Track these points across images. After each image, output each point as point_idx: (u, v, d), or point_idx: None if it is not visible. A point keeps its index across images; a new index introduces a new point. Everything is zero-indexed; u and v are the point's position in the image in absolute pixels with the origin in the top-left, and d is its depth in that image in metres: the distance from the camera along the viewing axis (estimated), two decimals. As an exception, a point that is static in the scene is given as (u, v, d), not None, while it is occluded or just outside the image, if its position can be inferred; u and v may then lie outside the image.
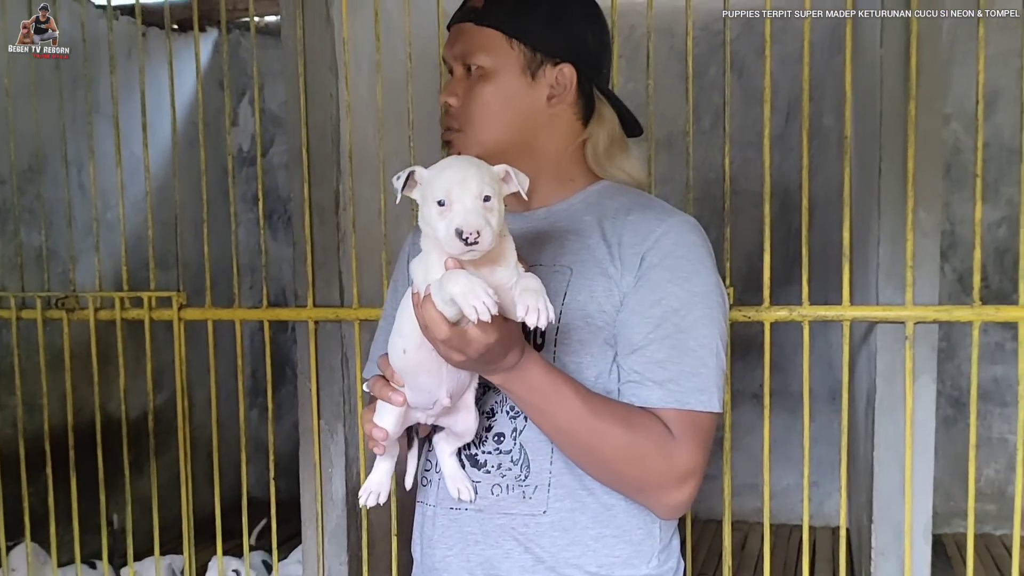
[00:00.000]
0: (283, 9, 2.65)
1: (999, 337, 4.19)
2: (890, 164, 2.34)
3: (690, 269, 1.17)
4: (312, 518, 2.72)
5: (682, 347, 1.14)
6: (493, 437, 1.20)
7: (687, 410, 1.14)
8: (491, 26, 1.24)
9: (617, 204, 1.25)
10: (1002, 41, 3.69)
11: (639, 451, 1.12)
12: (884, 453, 2.37)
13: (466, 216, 0.98)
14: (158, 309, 2.70)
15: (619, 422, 1.12)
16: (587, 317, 1.17)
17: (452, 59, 1.27)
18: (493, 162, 1.21)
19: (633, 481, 1.15)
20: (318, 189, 2.66)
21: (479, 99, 1.24)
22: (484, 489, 1.20)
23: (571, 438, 1.13)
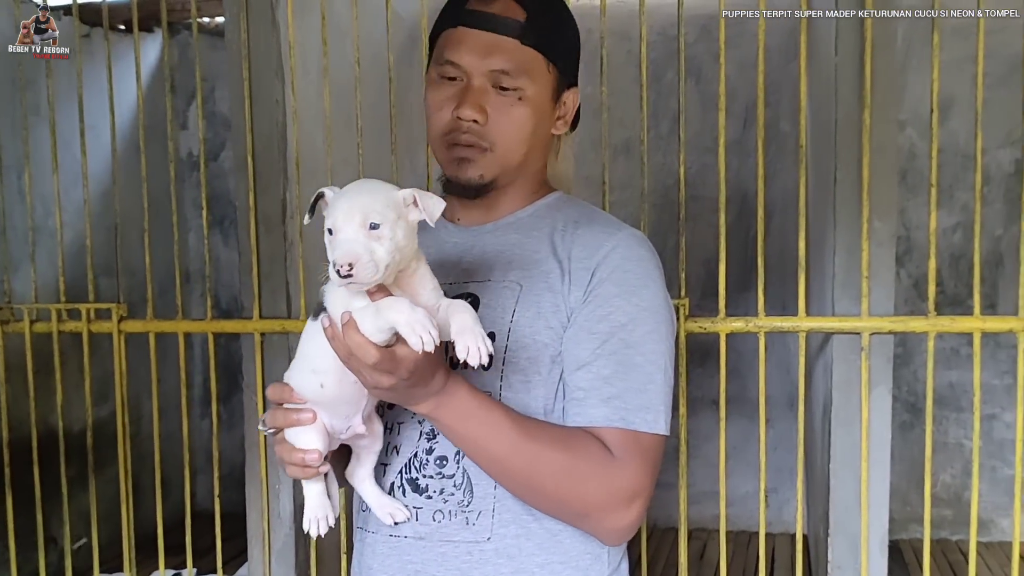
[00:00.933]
0: (227, 11, 2.57)
1: (954, 343, 4.21)
2: (845, 173, 2.32)
3: (638, 284, 1.14)
4: (258, 536, 2.64)
5: (628, 363, 1.11)
6: (435, 460, 1.15)
7: (632, 430, 1.10)
8: (535, 47, 1.18)
9: (566, 217, 1.21)
10: (956, 47, 3.70)
11: (579, 475, 1.07)
12: (840, 466, 2.35)
13: (341, 247, 0.94)
14: (97, 321, 2.60)
15: (556, 445, 1.07)
16: (535, 334, 1.14)
17: (479, 71, 1.17)
18: (502, 182, 1.21)
19: (575, 507, 1.10)
20: (264, 197, 2.58)
21: (517, 123, 1.18)
22: (425, 516, 1.15)
23: (507, 466, 1.08)
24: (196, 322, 2.61)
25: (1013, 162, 4.27)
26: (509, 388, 1.13)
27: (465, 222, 1.26)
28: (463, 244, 1.23)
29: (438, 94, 1.19)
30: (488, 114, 1.16)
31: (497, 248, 1.21)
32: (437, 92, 1.20)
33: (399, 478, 1.17)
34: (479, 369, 1.10)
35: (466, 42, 1.17)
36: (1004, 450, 4.28)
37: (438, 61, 1.20)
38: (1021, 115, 2.19)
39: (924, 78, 4.09)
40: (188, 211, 5.00)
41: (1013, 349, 4.24)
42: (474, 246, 1.22)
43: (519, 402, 1.12)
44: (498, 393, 1.13)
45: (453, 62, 1.17)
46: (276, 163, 2.59)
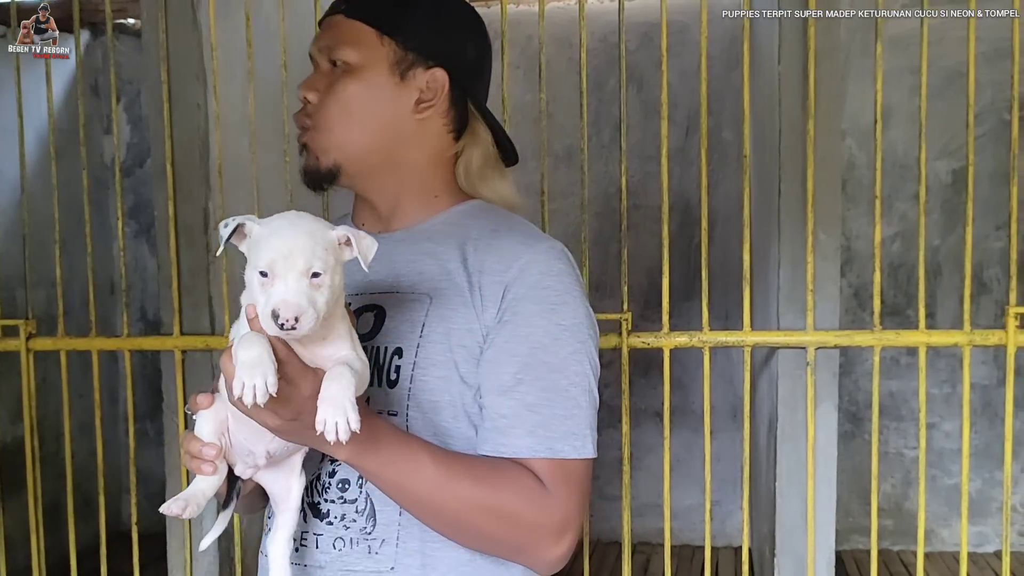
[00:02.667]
0: (144, 10, 2.43)
1: (894, 352, 4.22)
2: (789, 184, 2.27)
3: (558, 301, 1.07)
4: (180, 565, 2.50)
5: (553, 387, 1.05)
6: (337, 484, 1.08)
7: (559, 459, 1.04)
8: (361, 19, 1.14)
9: (480, 225, 1.14)
10: (894, 57, 3.72)
11: (509, 511, 1.03)
12: (786, 484, 2.30)
13: (286, 297, 0.88)
14: (4, 339, 2.44)
15: (483, 483, 1.02)
16: (448, 350, 1.07)
17: (317, 53, 1.16)
18: (353, 171, 1.15)
19: (508, 543, 1.05)
20: (185, 206, 2.44)
21: (340, 95, 1.13)
22: (326, 543, 1.08)
23: (433, 509, 1.02)
24: (112, 339, 2.46)
25: (950, 173, 4.31)
26: (417, 408, 1.07)
27: (370, 227, 1.19)
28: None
29: None
30: (320, 91, 1.14)
31: (407, 257, 1.14)
32: None
33: (300, 502, 1.10)
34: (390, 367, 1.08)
35: (319, 32, 1.19)
36: (944, 459, 4.31)
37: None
38: (962, 124, 2.17)
39: (862, 88, 4.11)
40: (114, 219, 4.81)
41: (952, 359, 4.28)
42: (384, 255, 1.12)
43: (427, 422, 1.07)
44: (405, 413, 1.07)
45: (311, 53, 1.18)
46: (198, 170, 2.46)
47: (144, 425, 4.51)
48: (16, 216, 3.28)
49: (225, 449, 1.00)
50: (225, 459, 1.01)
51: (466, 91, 1.18)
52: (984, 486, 4.26)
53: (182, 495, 1.00)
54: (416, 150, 1.16)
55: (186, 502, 0.98)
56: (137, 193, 4.62)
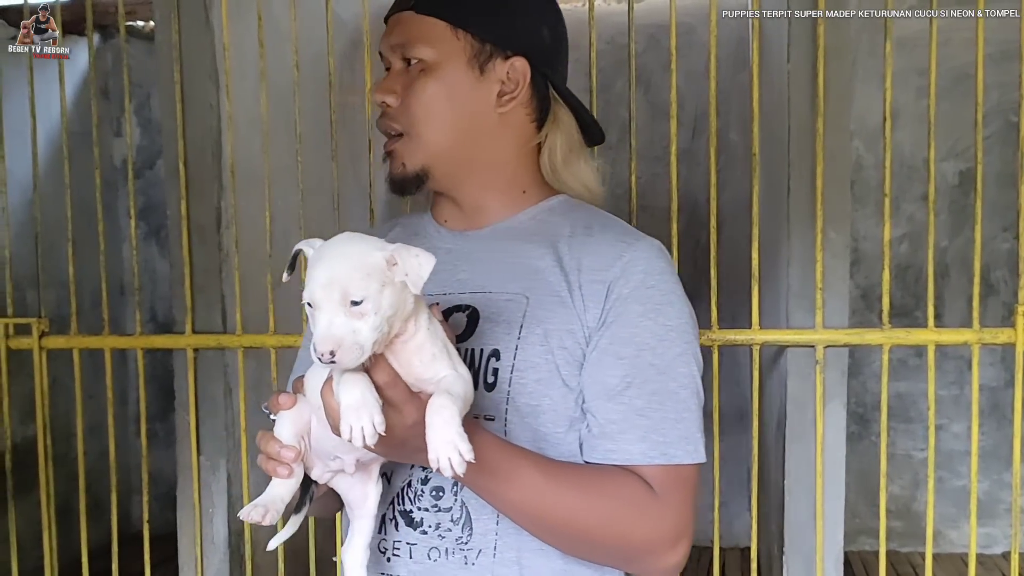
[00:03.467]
0: (156, 12, 2.45)
1: (901, 354, 4.22)
2: (799, 183, 2.28)
3: (663, 301, 1.03)
4: (191, 562, 2.51)
5: (662, 391, 1.01)
6: (431, 492, 1.04)
7: (673, 464, 1.01)
8: (433, 14, 1.09)
9: (572, 223, 1.10)
10: (901, 59, 3.72)
11: (621, 520, 0.99)
12: (795, 483, 2.30)
13: (320, 330, 0.84)
14: (16, 337, 2.45)
15: (591, 491, 0.98)
16: (547, 352, 1.03)
17: (389, 52, 1.11)
18: (439, 173, 1.11)
19: (621, 553, 1.02)
20: (197, 206, 2.46)
21: (421, 96, 1.08)
22: (420, 553, 1.04)
23: (539, 520, 0.99)
24: (124, 337, 2.47)
25: (957, 174, 4.31)
26: (516, 412, 1.03)
27: (453, 225, 1.16)
28: (457, 250, 1.13)
29: None
30: (398, 93, 1.10)
31: (495, 256, 1.10)
32: None
33: (391, 510, 1.07)
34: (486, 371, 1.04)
35: (386, 28, 1.13)
36: (952, 461, 4.31)
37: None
38: (969, 126, 2.17)
39: (869, 89, 4.12)
40: (124, 221, 4.83)
41: (960, 360, 4.28)
42: (470, 253, 1.12)
43: (525, 427, 1.02)
44: (503, 418, 1.03)
45: (381, 52, 1.13)
46: (210, 170, 2.47)
47: (153, 426, 4.52)
48: (26, 217, 3.30)
49: (303, 452, 0.97)
50: (303, 462, 0.98)
51: (546, 76, 1.13)
52: (992, 487, 4.26)
53: (260, 501, 0.96)
54: (501, 145, 1.12)
55: (265, 508, 0.95)
56: (147, 195, 4.63)
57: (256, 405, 2.57)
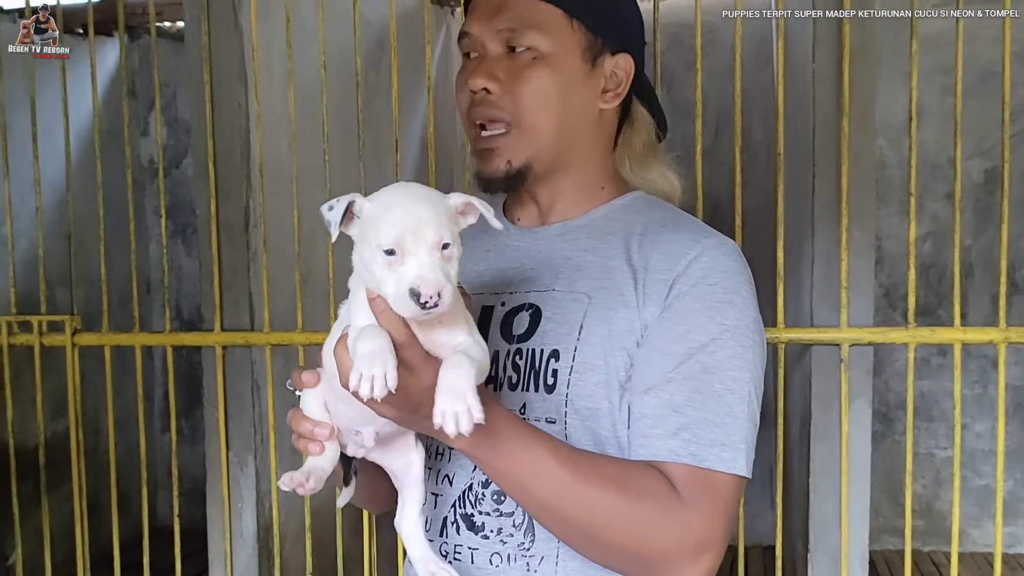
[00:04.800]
0: (187, 13, 2.48)
1: (924, 352, 4.20)
2: (823, 182, 2.28)
3: (724, 299, 0.98)
4: (220, 556, 2.54)
5: (706, 390, 0.95)
6: (492, 496, 1.01)
7: (703, 468, 0.93)
8: (552, 1, 1.03)
9: (646, 220, 1.06)
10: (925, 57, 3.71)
11: (639, 520, 0.92)
12: (820, 480, 2.30)
13: (423, 273, 0.81)
14: (50, 334, 2.50)
15: (611, 486, 0.92)
16: (606, 355, 0.99)
17: (489, 35, 1.04)
18: (541, 169, 1.05)
19: (637, 556, 0.93)
20: (226, 205, 2.49)
21: (535, 85, 1.02)
22: (482, 558, 1.01)
23: (557, 512, 0.93)
24: (155, 335, 2.50)
25: (982, 172, 4.29)
26: (575, 415, 0.99)
27: (526, 222, 1.12)
28: (526, 248, 1.09)
29: (461, 73, 1.07)
30: (501, 80, 1.02)
31: (565, 254, 1.06)
32: (460, 71, 1.07)
33: (452, 513, 1.04)
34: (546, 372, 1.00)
35: (478, 9, 1.06)
36: (975, 460, 4.29)
37: (459, 38, 1.08)
38: (994, 124, 2.17)
39: (892, 87, 4.10)
40: (150, 219, 4.88)
41: (984, 359, 4.26)
42: (540, 250, 1.08)
43: (586, 431, 0.99)
44: (563, 421, 0.99)
45: (467, 32, 1.06)
46: (239, 170, 2.50)
47: (179, 422, 4.58)
48: (55, 216, 3.35)
49: (337, 428, 0.95)
50: (337, 439, 0.95)
51: (639, 74, 1.10)
52: (1016, 487, 4.24)
53: (304, 468, 0.93)
54: (593, 140, 1.08)
55: (307, 475, 0.92)
56: (172, 194, 4.68)
57: (284, 402, 2.61)
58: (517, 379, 1.01)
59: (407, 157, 3.54)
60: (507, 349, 1.03)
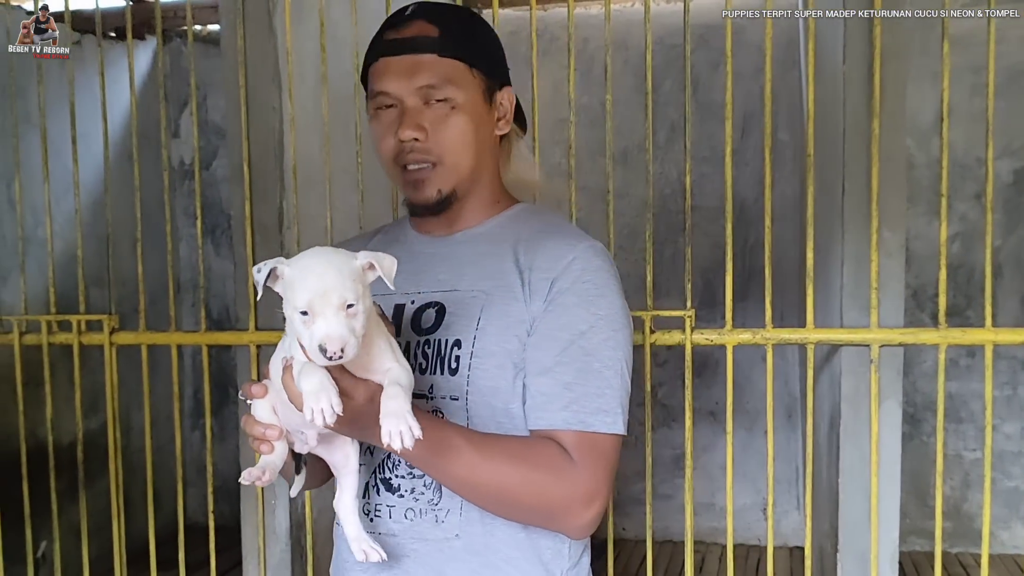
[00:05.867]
0: (223, 18, 2.52)
1: (952, 353, 4.18)
2: (853, 183, 2.29)
3: (596, 293, 1.19)
4: (253, 552, 2.58)
5: (587, 369, 1.16)
6: (407, 461, 1.19)
7: (589, 432, 1.15)
8: (455, 57, 1.23)
9: (531, 229, 1.26)
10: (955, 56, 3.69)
11: (539, 483, 1.13)
12: (849, 481, 2.31)
13: (328, 331, 0.98)
14: (88, 333, 2.54)
15: (514, 459, 1.13)
16: (502, 342, 1.19)
17: (408, 92, 1.23)
18: (461, 193, 1.26)
19: (540, 512, 1.16)
20: (260, 206, 2.53)
21: (456, 131, 1.23)
22: (398, 513, 1.21)
23: (471, 486, 1.14)
24: (190, 334, 2.55)
25: (1011, 172, 4.27)
26: (476, 392, 1.18)
27: (435, 232, 1.31)
28: (434, 254, 1.29)
29: (378, 125, 1.25)
30: (427, 130, 1.22)
31: (467, 258, 1.26)
32: (377, 123, 1.25)
33: (373, 478, 1.24)
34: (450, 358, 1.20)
35: (391, 69, 1.23)
36: (1004, 462, 4.26)
37: (371, 95, 1.25)
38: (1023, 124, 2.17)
39: (920, 87, 4.08)
40: (180, 220, 4.95)
41: (1013, 360, 4.24)
42: (446, 256, 1.28)
43: (485, 405, 1.18)
44: (465, 398, 1.18)
45: (384, 91, 1.23)
46: (272, 171, 2.54)
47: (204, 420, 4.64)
48: (90, 218, 3.40)
49: (284, 430, 1.12)
50: (286, 438, 1.13)
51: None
52: (1045, 489, 4.21)
53: (260, 464, 1.11)
54: (492, 162, 1.30)
55: (263, 470, 1.10)
56: (202, 195, 4.74)
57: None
58: (426, 365, 1.21)
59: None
60: (417, 340, 1.23)
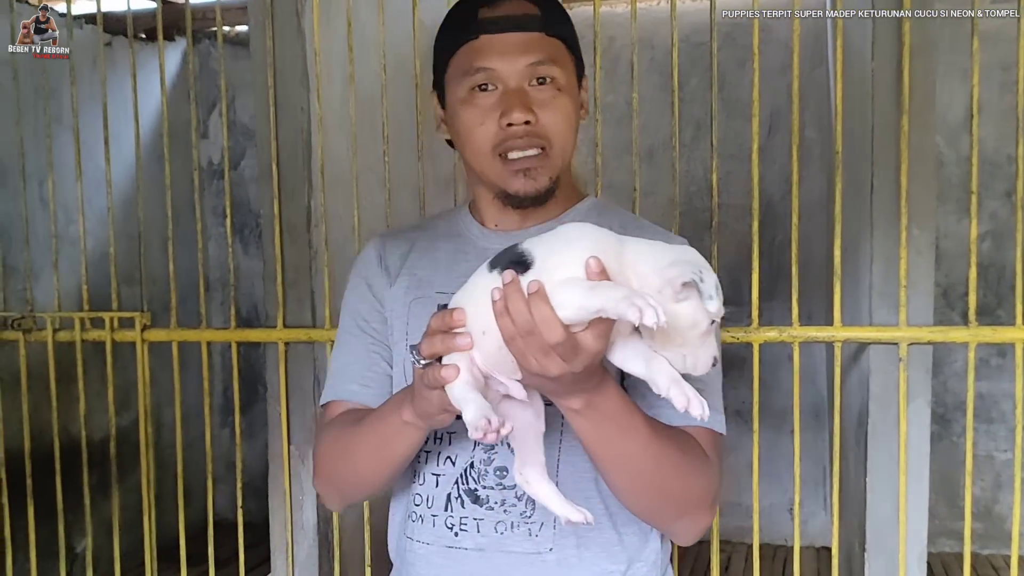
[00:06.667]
0: (252, 19, 2.54)
1: (983, 353, 4.13)
2: (882, 181, 2.27)
3: None
4: (281, 547, 2.61)
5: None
6: (495, 471, 1.13)
7: (713, 430, 1.12)
8: (559, 36, 1.16)
9: (609, 223, 1.13)
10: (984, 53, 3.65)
11: (690, 473, 1.08)
12: (877, 480, 2.30)
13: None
14: (120, 330, 2.58)
15: (676, 445, 1.06)
16: None
17: (514, 71, 1.13)
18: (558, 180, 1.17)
19: (678, 502, 1.08)
20: (289, 205, 2.55)
21: (563, 114, 1.15)
22: (487, 527, 1.13)
23: (635, 465, 1.03)
24: (220, 331, 2.58)
25: (1042, 169, 4.21)
26: None
27: (504, 226, 1.22)
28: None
29: (474, 108, 1.14)
30: (536, 113, 1.13)
31: None
32: (472, 107, 1.15)
33: (455, 488, 1.15)
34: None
35: (494, 47, 1.13)
36: (1035, 462, 4.21)
37: (467, 73, 1.14)
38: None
39: (950, 84, 4.05)
40: (208, 219, 5.00)
41: (1045, 359, 4.19)
42: None
43: None
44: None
45: (485, 68, 1.13)
46: (301, 171, 2.57)
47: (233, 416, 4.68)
48: (121, 216, 3.45)
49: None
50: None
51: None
52: (1078, 491, 4.16)
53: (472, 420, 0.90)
54: (572, 152, 1.21)
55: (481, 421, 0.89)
56: (232, 194, 4.79)
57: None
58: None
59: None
60: None
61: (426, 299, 1.20)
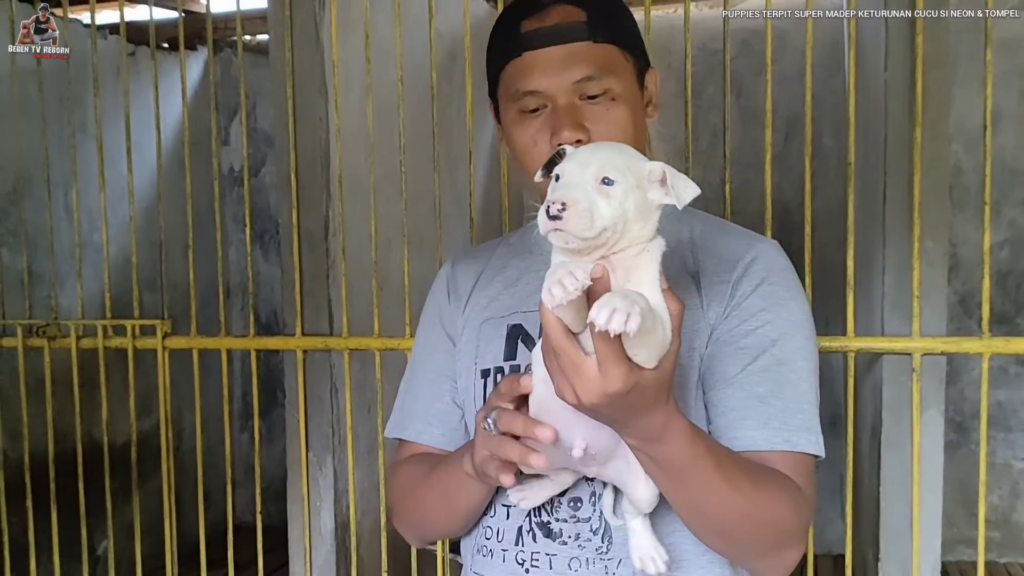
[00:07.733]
0: (271, 30, 2.58)
1: (1002, 361, 4.12)
2: (895, 191, 2.28)
3: (786, 296, 1.05)
4: (300, 552, 2.64)
5: (782, 380, 1.01)
6: (569, 503, 1.05)
7: (798, 452, 1.00)
8: (609, 41, 1.07)
9: (691, 228, 1.12)
10: (1003, 60, 3.65)
11: (778, 517, 0.97)
12: (890, 489, 2.30)
13: (563, 188, 0.82)
14: (142, 337, 2.63)
15: (755, 485, 0.95)
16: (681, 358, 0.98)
17: (562, 88, 1.06)
18: None
19: (765, 547, 0.99)
20: (307, 214, 2.58)
21: (620, 127, 1.06)
22: (560, 563, 1.05)
23: (704, 510, 0.96)
24: (239, 338, 2.61)
25: (1062, 177, 4.19)
26: None
27: None
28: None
29: (525, 130, 1.08)
30: (588, 129, 1.05)
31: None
32: (523, 129, 1.09)
33: (527, 522, 1.08)
34: None
35: (539, 64, 1.07)
36: (1054, 471, 4.19)
37: (513, 97, 1.09)
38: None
39: (968, 92, 4.04)
40: (228, 226, 5.05)
41: (1063, 368, 4.16)
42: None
43: None
44: None
45: (531, 91, 1.07)
46: (319, 180, 2.60)
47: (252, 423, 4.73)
48: (143, 224, 3.50)
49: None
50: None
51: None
52: (1097, 500, 4.13)
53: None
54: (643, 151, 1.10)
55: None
56: (251, 202, 4.84)
57: (361, 404, 2.70)
58: None
59: (479, 166, 3.61)
60: None
61: (496, 320, 1.15)
